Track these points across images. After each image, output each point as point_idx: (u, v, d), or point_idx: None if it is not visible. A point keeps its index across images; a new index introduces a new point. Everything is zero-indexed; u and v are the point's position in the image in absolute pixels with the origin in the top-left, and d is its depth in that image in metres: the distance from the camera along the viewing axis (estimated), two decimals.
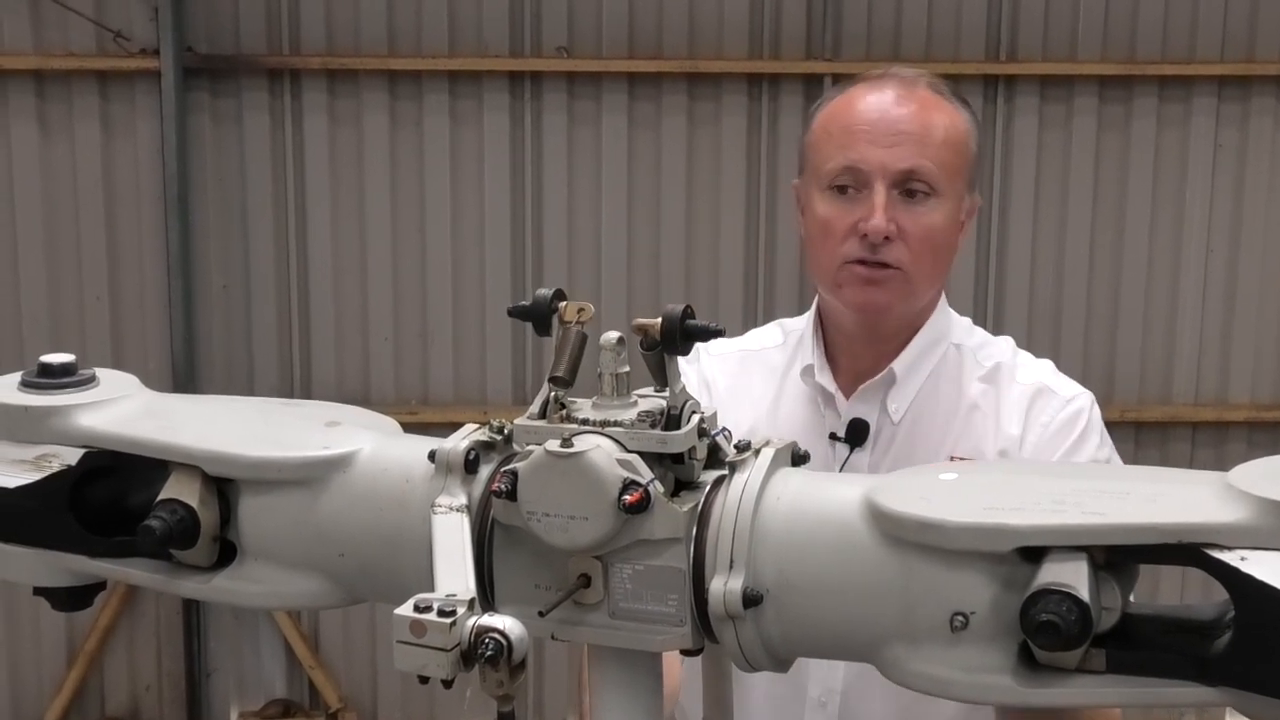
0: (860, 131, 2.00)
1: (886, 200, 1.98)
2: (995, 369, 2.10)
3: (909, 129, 2.00)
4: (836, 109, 2.07)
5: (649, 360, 1.24)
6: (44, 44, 5.27)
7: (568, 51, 5.34)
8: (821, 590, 1.17)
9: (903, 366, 2.07)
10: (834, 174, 2.00)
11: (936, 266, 2.04)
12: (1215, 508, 1.08)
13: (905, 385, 2.07)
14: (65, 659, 5.55)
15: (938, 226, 2.01)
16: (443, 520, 1.22)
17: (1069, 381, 2.11)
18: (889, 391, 2.06)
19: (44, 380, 1.37)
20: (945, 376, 2.09)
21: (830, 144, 2.03)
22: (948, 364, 2.10)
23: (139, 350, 5.36)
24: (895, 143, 1.99)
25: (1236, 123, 5.45)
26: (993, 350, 2.13)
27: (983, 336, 2.17)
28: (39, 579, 1.37)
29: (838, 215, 2.00)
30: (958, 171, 2.03)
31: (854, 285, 2.01)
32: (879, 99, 2.03)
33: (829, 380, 2.08)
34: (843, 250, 2.00)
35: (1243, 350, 5.60)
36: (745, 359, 2.17)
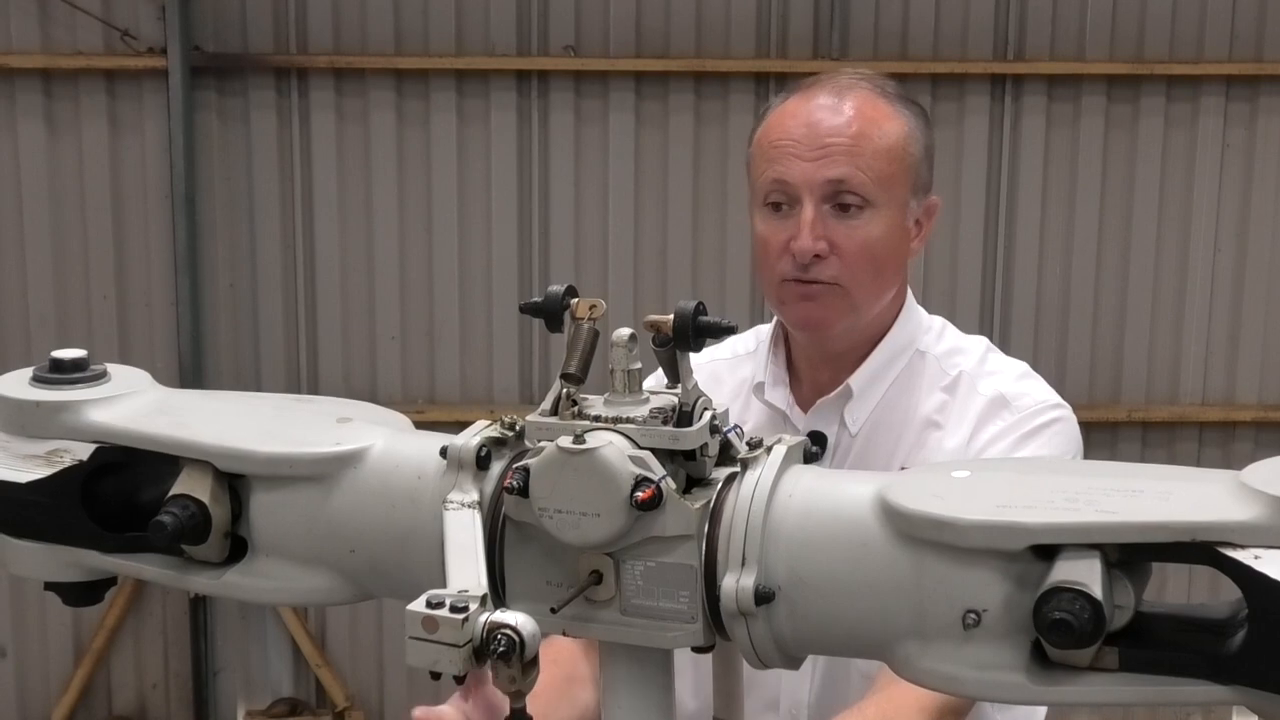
0: (787, 146, 1.98)
1: (815, 216, 1.95)
2: (957, 379, 2.05)
3: (836, 140, 1.96)
4: (770, 123, 2.04)
5: (661, 357, 1.24)
6: (51, 43, 5.27)
7: (575, 50, 5.34)
8: (833, 587, 1.17)
9: (859, 382, 2.04)
10: (765, 190, 1.99)
11: (879, 279, 2.00)
12: (1229, 506, 1.08)
13: (864, 398, 2.04)
14: (72, 658, 5.56)
15: (874, 238, 1.97)
16: (454, 516, 1.22)
17: (1038, 390, 2.05)
18: (846, 405, 2.04)
19: (55, 375, 1.36)
20: (905, 387, 2.06)
21: (762, 159, 2.01)
22: (909, 374, 2.06)
23: (146, 348, 5.36)
24: (822, 155, 1.96)
25: (1244, 122, 5.44)
26: (959, 358, 2.08)
27: (953, 342, 2.11)
28: (50, 574, 1.37)
29: (772, 233, 1.99)
30: (895, 179, 1.98)
31: (792, 302, 2.00)
32: (807, 110, 1.99)
33: (779, 397, 2.07)
34: (779, 268, 1.99)
35: (1250, 350, 5.59)
36: (716, 369, 2.14)
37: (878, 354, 2.05)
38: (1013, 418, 2.00)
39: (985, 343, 2.13)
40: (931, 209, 2.05)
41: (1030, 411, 2.01)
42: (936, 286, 5.45)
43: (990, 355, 2.10)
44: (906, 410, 2.04)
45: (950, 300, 5.46)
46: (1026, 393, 2.03)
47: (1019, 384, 2.05)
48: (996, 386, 2.03)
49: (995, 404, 2.01)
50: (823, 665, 2.03)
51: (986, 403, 2.01)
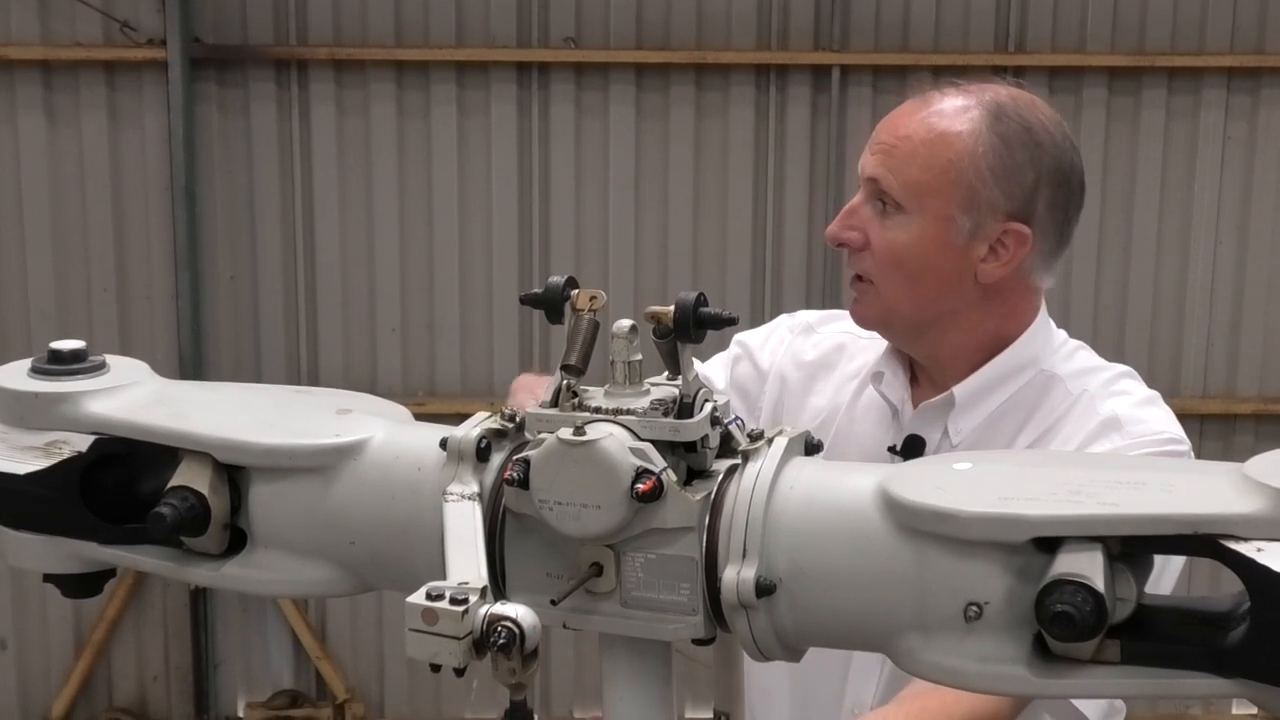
0: (870, 139, 2.01)
1: (855, 205, 1.97)
2: (1079, 398, 1.99)
3: (888, 140, 1.96)
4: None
5: (662, 348, 1.24)
6: (51, 35, 5.27)
7: (575, 42, 5.33)
8: (835, 580, 1.16)
9: (965, 391, 2.00)
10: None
11: (914, 285, 1.97)
12: (1231, 499, 1.08)
13: (970, 409, 2.00)
14: (73, 650, 5.56)
15: (900, 243, 1.95)
16: (454, 508, 1.22)
17: (1160, 419, 1.95)
18: (950, 413, 2.01)
19: (54, 367, 1.36)
20: (1021, 405, 2.01)
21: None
22: (1029, 391, 2.01)
23: (146, 341, 5.36)
24: (876, 151, 1.97)
25: (1246, 114, 5.44)
26: (1088, 380, 2.01)
27: (1084, 363, 2.05)
28: (49, 566, 1.37)
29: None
30: (933, 190, 1.93)
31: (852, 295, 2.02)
32: (898, 108, 2.01)
33: (894, 391, 2.05)
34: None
35: (1251, 342, 5.59)
36: (846, 342, 2.15)
37: (990, 367, 2.01)
38: (1123, 441, 1.91)
39: (1125, 369, 2.06)
40: (1018, 237, 1.94)
41: (1144, 439, 1.91)
42: None
43: (1123, 380, 2.02)
44: (1017, 427, 1.99)
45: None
46: (1145, 420, 1.94)
47: (1140, 409, 1.96)
48: (1115, 408, 1.95)
49: (1108, 425, 1.93)
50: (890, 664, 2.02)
51: (1100, 423, 1.94)
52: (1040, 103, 2.00)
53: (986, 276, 1.96)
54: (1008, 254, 1.95)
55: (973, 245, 1.94)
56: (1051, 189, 1.95)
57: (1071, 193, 1.99)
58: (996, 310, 2.01)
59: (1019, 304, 2.02)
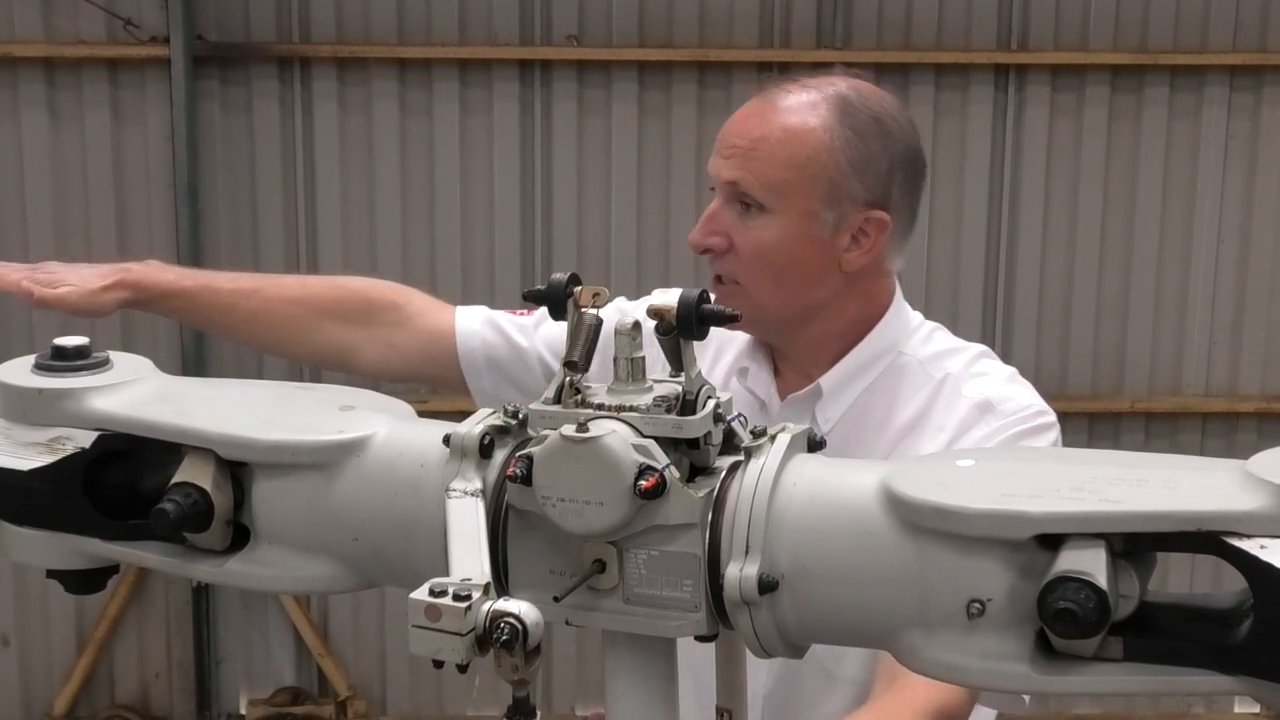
0: (717, 142, 2.04)
1: (715, 210, 2.03)
2: (942, 382, 2.03)
3: (740, 142, 2.00)
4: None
5: (665, 345, 1.24)
6: (54, 32, 5.27)
7: (578, 40, 5.34)
8: (837, 576, 1.16)
9: (830, 381, 2.05)
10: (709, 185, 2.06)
11: (780, 283, 2.00)
12: (1235, 496, 1.08)
13: (836, 398, 2.04)
14: (75, 647, 5.56)
15: (767, 242, 1.99)
16: (457, 505, 1.22)
17: (1024, 394, 2.01)
18: (818, 403, 2.04)
19: (57, 363, 1.36)
20: (884, 390, 2.05)
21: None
22: (889, 376, 2.05)
23: (149, 338, 5.35)
24: (730, 154, 2.01)
25: (1249, 113, 5.44)
26: (947, 362, 2.06)
27: (941, 345, 2.09)
28: (52, 562, 1.37)
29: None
30: (795, 187, 1.97)
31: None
32: (741, 110, 2.05)
33: (760, 385, 2.08)
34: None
35: (1253, 341, 5.58)
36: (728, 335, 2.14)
37: (853, 355, 2.05)
38: (998, 422, 1.97)
39: (981, 348, 2.10)
40: (878, 224, 1.99)
41: (1017, 417, 1.97)
42: (939, 278, 5.45)
43: (981, 360, 2.07)
44: (885, 413, 2.03)
45: (953, 292, 5.45)
46: (1012, 397, 1.99)
47: (1006, 388, 2.01)
48: (982, 390, 2.00)
49: (980, 408, 1.98)
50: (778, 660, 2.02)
51: (971, 406, 1.98)
52: (879, 90, 2.08)
53: (850, 265, 2.01)
54: (869, 241, 2.00)
55: (836, 237, 1.99)
56: (903, 174, 2.03)
57: (919, 174, 2.07)
58: (857, 297, 2.05)
59: (876, 289, 2.07)
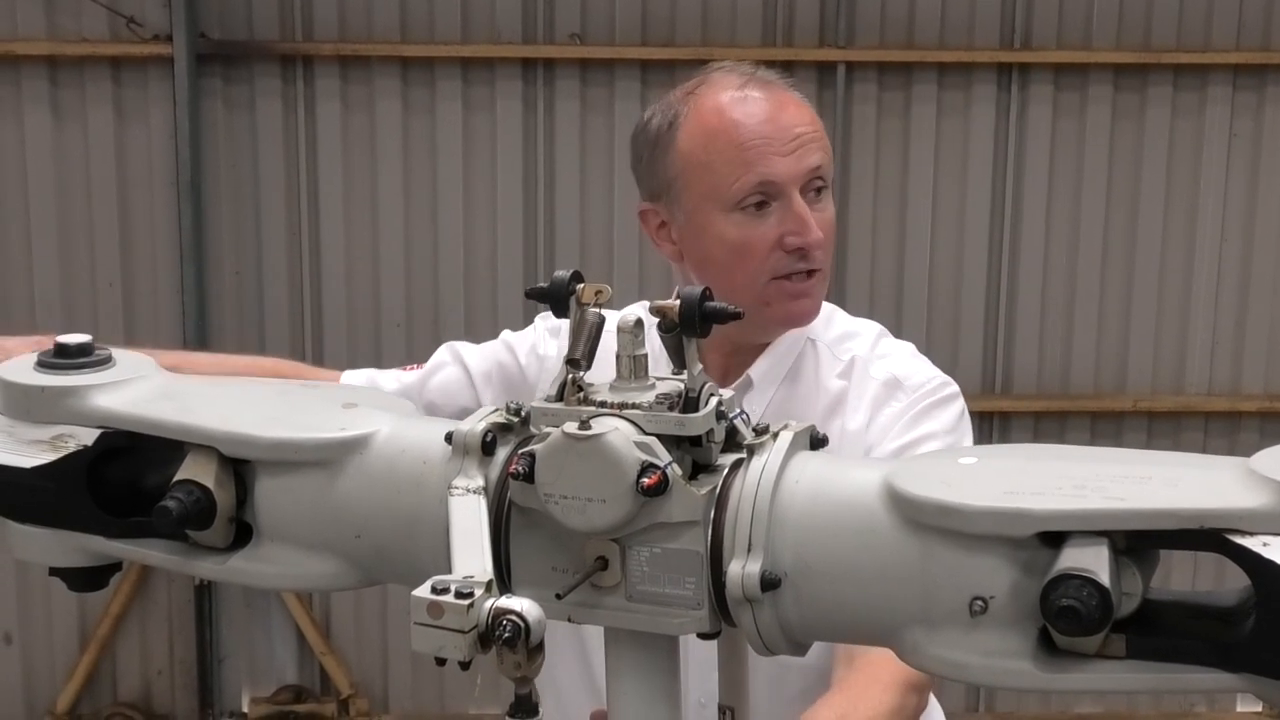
0: (758, 145, 1.98)
1: (805, 207, 1.99)
2: (851, 364, 2.08)
3: (801, 129, 2.00)
4: (710, 125, 2.01)
5: (667, 343, 1.24)
6: (57, 30, 5.27)
7: (581, 38, 5.33)
8: (840, 574, 1.16)
9: (759, 372, 2.06)
10: (743, 192, 1.98)
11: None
12: (1238, 493, 1.07)
13: (763, 389, 2.06)
14: (78, 644, 5.57)
15: (833, 219, 2.04)
16: (460, 502, 1.22)
17: (925, 368, 2.09)
18: (745, 396, 2.05)
19: (60, 361, 1.36)
20: (801, 376, 2.08)
21: (726, 163, 1.98)
22: (804, 362, 2.09)
23: (151, 336, 5.36)
24: (796, 147, 1.99)
25: (1252, 111, 5.44)
26: (851, 344, 2.11)
27: (842, 327, 2.14)
28: (55, 559, 1.37)
29: (757, 234, 1.98)
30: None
31: (783, 300, 2.01)
32: (757, 106, 2.01)
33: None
34: (768, 267, 1.99)
35: (1256, 340, 5.58)
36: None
37: (778, 344, 2.08)
38: (907, 398, 2.04)
39: (878, 328, 2.16)
40: None
41: (923, 390, 2.05)
42: (941, 277, 5.45)
43: (882, 340, 2.14)
44: (805, 399, 2.06)
45: (955, 290, 5.45)
46: (917, 372, 2.08)
47: (909, 365, 2.09)
48: (889, 369, 2.07)
49: (889, 386, 2.05)
50: None
51: (880, 385, 2.05)
52: None
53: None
54: None
55: None
56: None
57: None
58: None
59: None
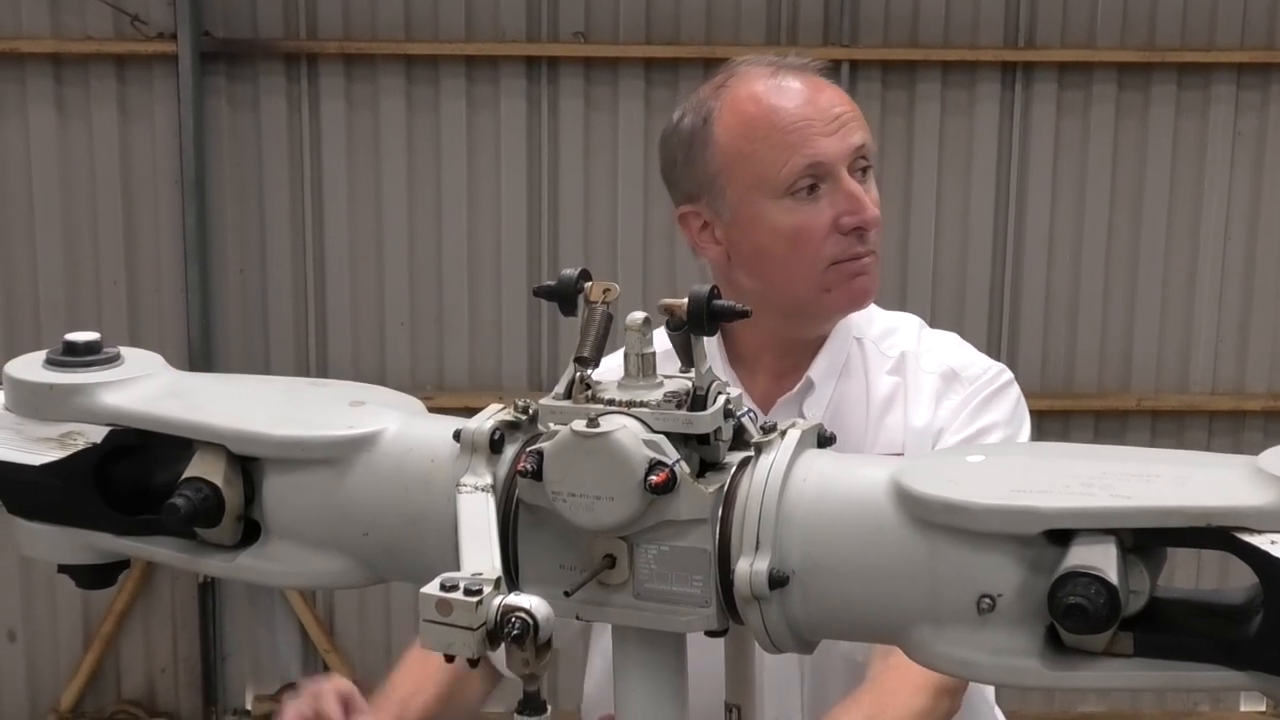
0: (802, 127, 1.95)
1: (858, 187, 1.96)
2: (901, 359, 2.07)
3: (841, 109, 1.98)
4: (747, 114, 1.99)
5: (675, 340, 1.24)
6: (61, 28, 5.27)
7: (585, 37, 5.33)
8: (848, 572, 1.16)
9: (818, 373, 2.05)
10: (792, 176, 1.94)
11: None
12: (1245, 491, 1.08)
13: (822, 390, 2.04)
14: (81, 642, 5.57)
15: (879, 199, 2.01)
16: (468, 500, 1.22)
17: (977, 357, 2.09)
18: (807, 399, 2.04)
19: (69, 358, 1.36)
20: (853, 375, 2.06)
21: (771, 149, 1.95)
22: (854, 361, 2.07)
23: (155, 334, 5.36)
24: (838, 126, 1.96)
25: (1256, 110, 5.43)
26: (896, 339, 2.10)
27: (884, 324, 2.12)
28: (63, 557, 1.37)
29: (810, 218, 1.95)
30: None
31: (843, 283, 1.97)
32: (795, 91, 1.98)
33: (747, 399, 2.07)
34: (826, 252, 1.95)
35: (1260, 339, 5.58)
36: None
37: (832, 342, 2.06)
38: (965, 389, 2.05)
39: (917, 320, 2.16)
40: None
41: (982, 381, 2.06)
42: (945, 275, 5.44)
43: (924, 332, 2.13)
44: (860, 396, 2.05)
45: (959, 289, 5.45)
46: (971, 363, 2.08)
47: (961, 355, 2.09)
48: (942, 361, 2.07)
49: (947, 378, 2.05)
50: (810, 677, 2.02)
51: (938, 379, 2.05)
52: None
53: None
54: None
55: None
56: None
57: None
58: None
59: None
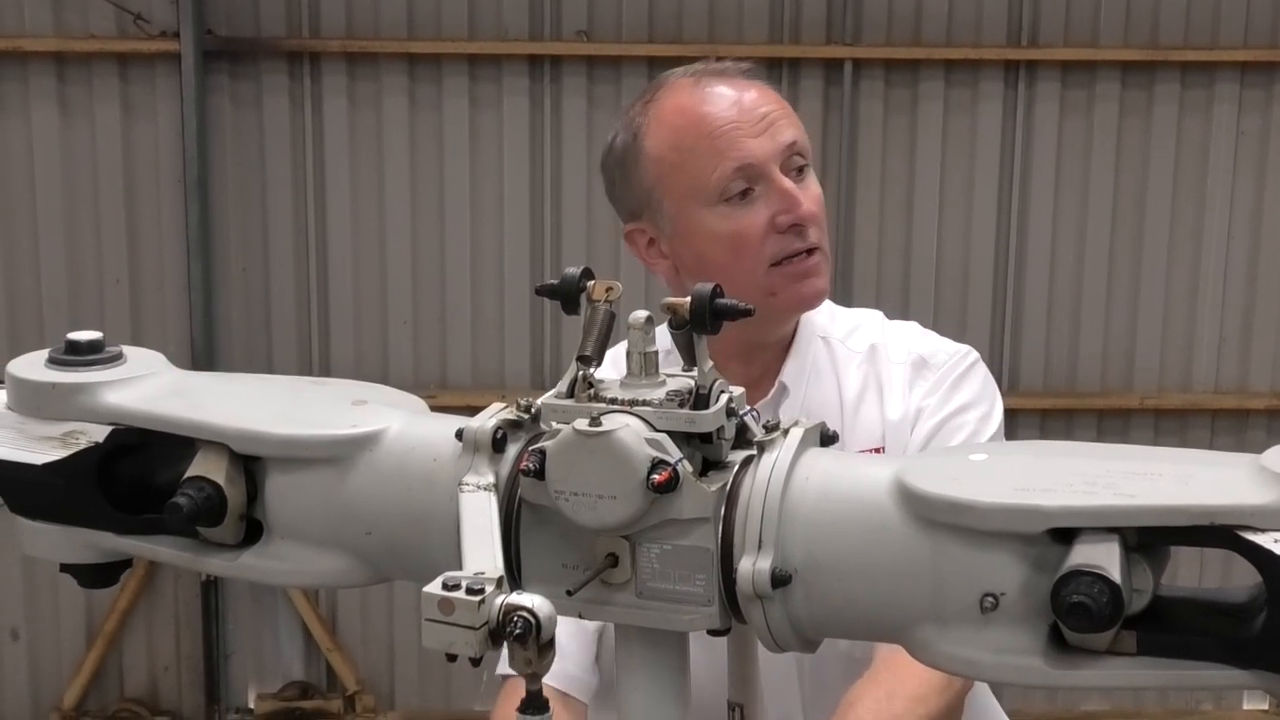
0: (728, 130, 1.93)
1: (793, 185, 1.93)
2: (871, 352, 2.06)
3: (768, 108, 1.96)
4: (673, 125, 1.96)
5: (678, 339, 1.24)
6: (64, 26, 5.27)
7: (587, 35, 5.33)
8: (851, 571, 1.16)
9: (790, 376, 2.03)
10: (725, 181, 1.92)
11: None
12: (1249, 490, 1.08)
13: (795, 393, 2.02)
14: (84, 640, 5.57)
15: (821, 196, 1.99)
16: (470, 498, 1.22)
17: (943, 342, 2.09)
18: (782, 403, 2.02)
19: (71, 357, 1.37)
20: (823, 375, 2.04)
21: (700, 156, 1.93)
22: (821, 361, 2.05)
23: (158, 332, 5.36)
24: (765, 126, 1.94)
25: (1259, 109, 5.42)
26: (861, 334, 2.09)
27: (847, 321, 2.11)
28: (66, 556, 1.37)
29: (746, 221, 1.92)
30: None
31: (790, 284, 1.95)
32: (720, 95, 1.97)
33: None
34: (766, 253, 1.93)
35: (1264, 338, 5.57)
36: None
37: (799, 344, 2.04)
38: (936, 374, 2.05)
39: (877, 314, 2.15)
40: None
41: (950, 363, 2.06)
42: (948, 274, 5.44)
43: (887, 325, 2.13)
44: (832, 395, 2.03)
45: (962, 287, 5.45)
46: (938, 348, 2.08)
47: (927, 342, 2.09)
48: (910, 349, 2.07)
49: (917, 366, 2.05)
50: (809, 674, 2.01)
51: (908, 368, 2.05)
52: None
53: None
54: None
55: None
56: None
57: None
58: None
59: None
